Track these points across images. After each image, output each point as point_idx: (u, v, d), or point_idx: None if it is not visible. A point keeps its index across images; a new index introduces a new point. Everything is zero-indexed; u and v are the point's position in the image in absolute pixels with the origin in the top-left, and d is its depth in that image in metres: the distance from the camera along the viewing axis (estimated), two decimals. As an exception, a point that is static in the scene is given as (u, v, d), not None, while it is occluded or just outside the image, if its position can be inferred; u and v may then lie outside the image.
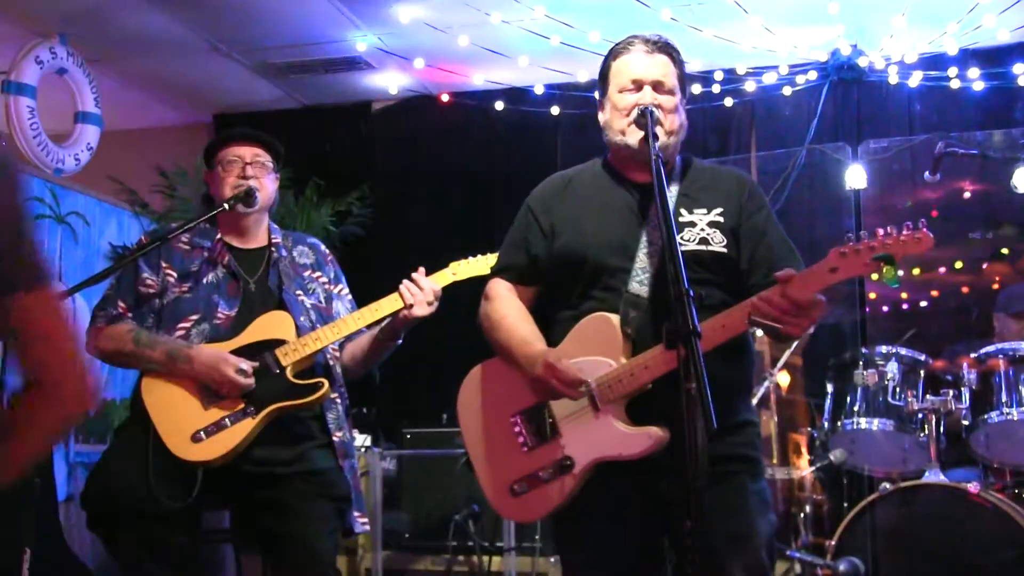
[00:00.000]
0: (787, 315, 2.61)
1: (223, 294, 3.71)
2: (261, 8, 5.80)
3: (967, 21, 5.85)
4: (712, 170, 3.16)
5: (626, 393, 2.78)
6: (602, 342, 2.84)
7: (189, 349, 3.56)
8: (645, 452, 2.73)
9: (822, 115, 6.47)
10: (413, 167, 6.90)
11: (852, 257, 2.60)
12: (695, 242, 2.89)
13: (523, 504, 2.92)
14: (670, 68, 3.00)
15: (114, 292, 3.72)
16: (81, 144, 5.96)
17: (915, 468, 5.06)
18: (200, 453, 3.49)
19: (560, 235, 3.00)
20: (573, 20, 5.79)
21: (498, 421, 2.97)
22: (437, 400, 5.40)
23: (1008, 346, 5.19)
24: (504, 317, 3.00)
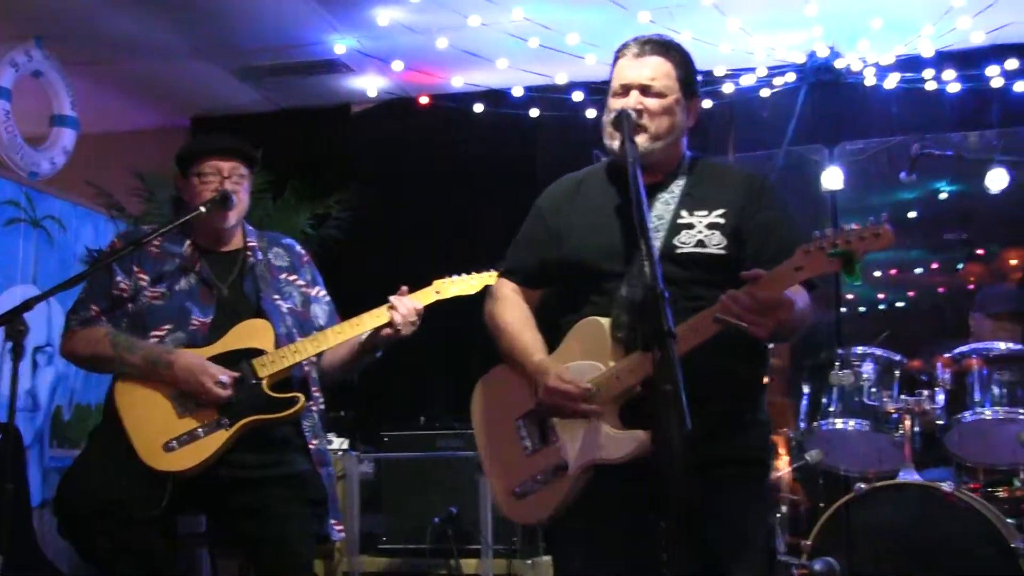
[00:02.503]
0: (752, 314, 2.57)
1: (196, 301, 3.69)
2: (239, 11, 5.79)
3: (942, 23, 5.88)
4: (722, 169, 3.14)
5: (614, 396, 2.78)
6: (593, 345, 2.86)
7: (169, 354, 3.55)
8: (630, 455, 2.73)
9: (800, 117, 6.47)
10: (392, 170, 6.89)
11: (815, 255, 2.57)
12: (691, 245, 2.89)
13: (525, 507, 2.94)
14: (663, 69, 2.97)
15: (87, 295, 3.70)
16: (57, 147, 5.93)
17: (890, 468, 5.06)
18: (172, 463, 3.48)
19: (566, 240, 3.02)
20: (551, 22, 5.80)
21: (503, 424, 3.00)
22: (415, 403, 5.40)
23: (982, 346, 5.22)
24: (508, 323, 3.02)
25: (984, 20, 5.84)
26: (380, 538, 4.94)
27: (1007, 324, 5.77)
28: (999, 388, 5.06)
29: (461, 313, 3.87)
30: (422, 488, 4.87)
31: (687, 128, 3.04)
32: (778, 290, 2.60)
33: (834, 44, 6.27)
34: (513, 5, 5.65)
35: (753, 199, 2.97)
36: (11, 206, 5.78)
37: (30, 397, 5.79)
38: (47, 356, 5.83)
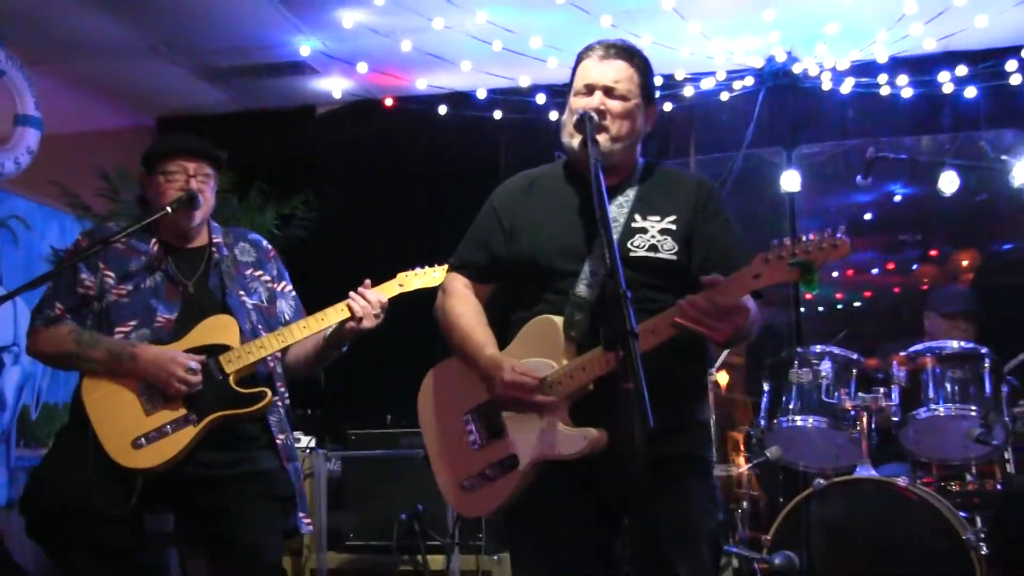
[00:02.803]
0: (710, 319, 2.61)
1: (161, 298, 3.67)
2: (204, 11, 5.76)
3: (895, 30, 5.94)
4: (673, 175, 3.16)
5: (567, 394, 2.80)
6: (545, 344, 2.88)
7: (134, 347, 3.54)
8: (581, 453, 2.75)
9: (758, 120, 6.51)
10: (357, 171, 6.89)
11: (774, 263, 2.60)
12: (645, 249, 2.92)
13: (473, 500, 2.95)
14: (626, 73, 3.00)
15: (52, 294, 3.68)
16: (21, 147, 5.89)
17: (847, 464, 5.10)
18: (141, 460, 3.47)
19: (519, 237, 3.03)
20: (514, 25, 5.81)
21: (452, 419, 3.01)
22: (381, 401, 5.39)
23: (936, 344, 5.29)
24: (460, 317, 3.03)
25: (935, 27, 5.90)
26: (347, 535, 4.94)
27: (960, 323, 5.84)
28: (952, 385, 5.12)
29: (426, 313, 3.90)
30: (389, 485, 4.87)
31: (644, 133, 3.06)
32: (736, 296, 2.64)
33: (791, 49, 6.31)
34: (477, 8, 5.66)
35: (701, 207, 3.01)
36: (-26, 207, 5.76)
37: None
38: (13, 355, 5.81)
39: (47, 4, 5.60)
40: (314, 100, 7.05)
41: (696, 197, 3.02)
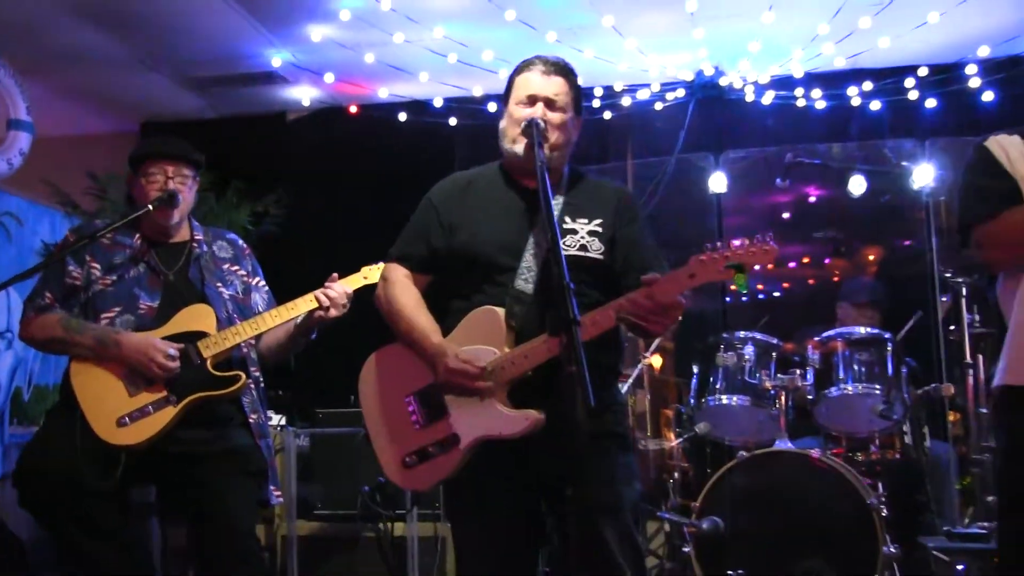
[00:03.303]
0: (651, 315, 2.66)
1: (144, 287, 3.68)
2: (184, 26, 5.72)
3: (810, 49, 5.98)
4: (596, 183, 3.16)
5: (509, 379, 2.81)
6: (488, 332, 2.87)
7: (117, 334, 3.53)
8: (524, 432, 2.77)
9: (688, 128, 6.53)
10: (324, 172, 6.86)
11: (709, 264, 2.63)
12: (575, 248, 2.93)
13: (414, 475, 2.94)
14: (564, 89, 3.03)
15: (43, 285, 3.67)
16: (14, 150, 5.83)
17: (767, 438, 5.15)
18: (125, 437, 3.47)
19: (458, 233, 3.01)
20: (468, 40, 5.80)
21: (394, 401, 2.99)
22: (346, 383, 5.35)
23: (846, 330, 5.35)
24: (404, 306, 3.00)
25: (845, 47, 5.95)
26: (315, 505, 4.93)
27: (866, 311, 5.91)
28: (859, 367, 5.18)
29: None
30: (353, 460, 4.86)
31: (574, 143, 3.08)
32: (673, 294, 2.67)
33: (718, 64, 6.34)
34: (434, 24, 5.65)
35: (622, 214, 3.04)
36: (-30, 204, 5.70)
37: (-9, 379, 5.72)
38: (7, 341, 5.76)
39: (39, 17, 5.53)
40: (285, 107, 7.01)
41: (617, 204, 3.06)
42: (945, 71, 6.23)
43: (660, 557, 5.59)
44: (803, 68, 6.27)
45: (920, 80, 6.25)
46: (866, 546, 4.64)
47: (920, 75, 6.24)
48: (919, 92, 6.28)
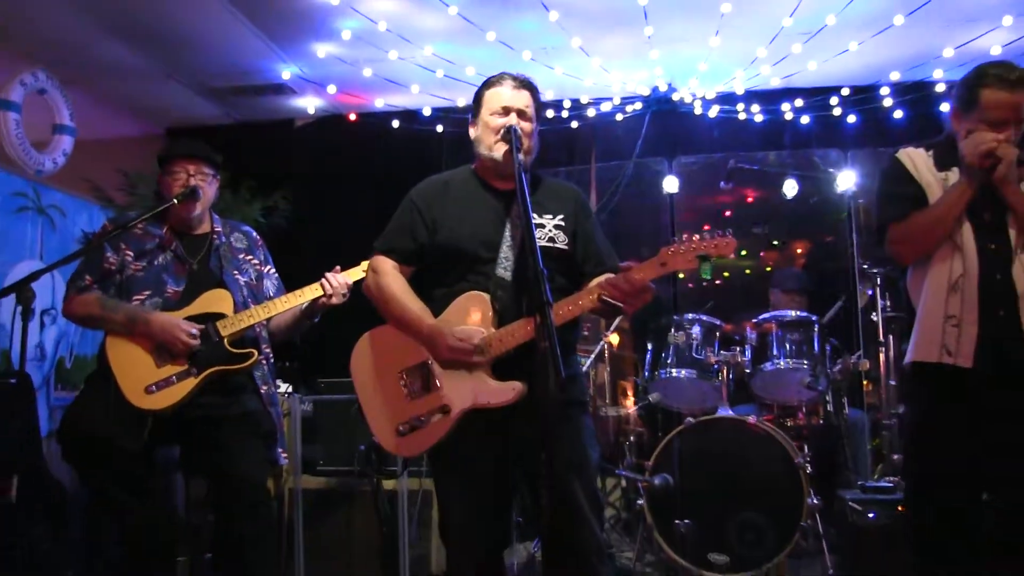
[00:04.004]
0: (628, 296, 2.70)
1: (171, 273, 3.68)
2: (205, 43, 5.70)
3: (750, 70, 6.01)
4: (555, 184, 3.16)
5: (495, 355, 2.82)
6: (477, 315, 2.88)
7: (146, 314, 3.54)
8: (510, 401, 2.78)
9: (645, 136, 6.55)
10: (327, 172, 6.84)
11: (679, 255, 2.69)
12: (545, 240, 2.95)
13: (407, 442, 2.93)
14: (530, 102, 3.05)
15: (83, 268, 3.67)
16: (58, 151, 5.83)
17: (711, 405, 5.17)
18: (152, 403, 3.47)
19: (441, 229, 3.01)
20: (454, 57, 5.79)
21: (386, 376, 2.98)
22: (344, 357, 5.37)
23: (778, 313, 5.39)
24: (394, 293, 3.00)
25: (780, 69, 5.98)
26: (318, 462, 4.93)
27: (795, 297, 5.94)
28: (790, 345, 5.22)
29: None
30: (350, 423, 4.85)
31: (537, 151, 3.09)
32: (646, 279, 2.71)
33: (671, 81, 6.36)
34: (424, 43, 5.64)
35: (580, 210, 3.06)
36: (21, 197, 5.69)
37: (38, 349, 5.71)
38: (52, 317, 5.76)
39: (80, 36, 5.51)
40: (292, 115, 6.98)
41: (575, 203, 3.08)
42: (863, 92, 6.27)
43: (617, 509, 5.62)
44: (744, 86, 6.30)
45: (843, 99, 6.29)
46: (793, 498, 4.68)
47: (843, 94, 6.28)
48: (842, 109, 6.32)
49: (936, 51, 5.74)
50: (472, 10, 5.23)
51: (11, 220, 5.62)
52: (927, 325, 3.26)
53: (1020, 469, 3.15)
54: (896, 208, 3.32)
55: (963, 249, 3.22)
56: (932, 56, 5.79)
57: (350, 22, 5.43)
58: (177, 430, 3.59)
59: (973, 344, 3.16)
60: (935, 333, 3.22)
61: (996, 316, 3.16)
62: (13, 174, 5.64)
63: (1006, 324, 3.16)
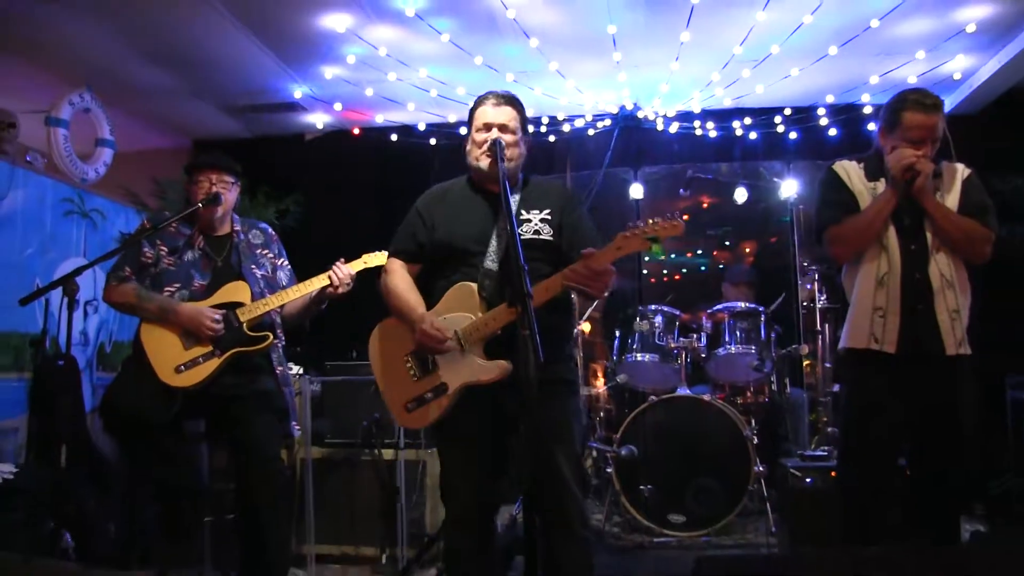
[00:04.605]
0: (589, 280, 2.68)
1: (198, 269, 3.69)
2: (227, 66, 5.69)
3: (705, 91, 6.04)
4: (544, 183, 3.17)
5: (482, 337, 2.84)
6: (465, 303, 2.90)
7: (175, 304, 3.56)
8: (497, 378, 2.80)
9: (614, 149, 6.54)
10: (333, 180, 6.83)
11: (631, 238, 2.67)
12: (530, 233, 2.95)
13: (414, 417, 2.96)
14: (512, 115, 3.04)
15: (123, 261, 3.68)
16: (100, 162, 5.84)
17: (671, 385, 5.21)
18: (181, 381, 3.50)
19: (438, 229, 3.03)
20: (446, 79, 5.81)
21: (395, 360, 3.00)
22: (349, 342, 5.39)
23: (730, 305, 5.43)
24: (396, 288, 3.03)
25: (732, 91, 6.01)
26: (325, 436, 4.94)
27: (742, 289, 5.99)
28: (740, 333, 5.26)
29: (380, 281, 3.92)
30: (354, 401, 4.87)
31: (526, 156, 3.09)
32: (605, 263, 2.70)
33: (637, 101, 6.37)
34: (419, 66, 5.65)
35: (566, 204, 3.04)
36: (68, 202, 5.69)
37: (82, 336, 5.70)
38: (94, 307, 5.76)
39: (119, 60, 5.51)
40: (303, 129, 6.97)
41: (562, 198, 3.06)
42: (803, 112, 6.31)
43: (589, 476, 5.65)
44: (700, 105, 6.32)
45: (785, 118, 6.33)
46: (742, 466, 4.75)
47: (785, 114, 6.32)
48: (784, 127, 6.36)
49: (864, 78, 5.80)
50: (462, 37, 5.25)
51: (59, 222, 5.61)
52: (858, 315, 3.31)
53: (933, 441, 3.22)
54: (833, 213, 3.37)
55: (888, 249, 3.27)
56: (861, 82, 5.85)
57: (354, 48, 5.44)
58: (203, 406, 3.60)
59: (896, 333, 3.21)
60: (865, 323, 3.27)
61: (916, 309, 3.22)
62: (62, 182, 5.65)
63: (924, 316, 3.22)
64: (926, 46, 5.38)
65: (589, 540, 2.88)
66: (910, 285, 3.23)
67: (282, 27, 5.22)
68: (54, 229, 5.55)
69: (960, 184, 3.33)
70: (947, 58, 5.55)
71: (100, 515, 4.23)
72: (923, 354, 3.20)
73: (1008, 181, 5.58)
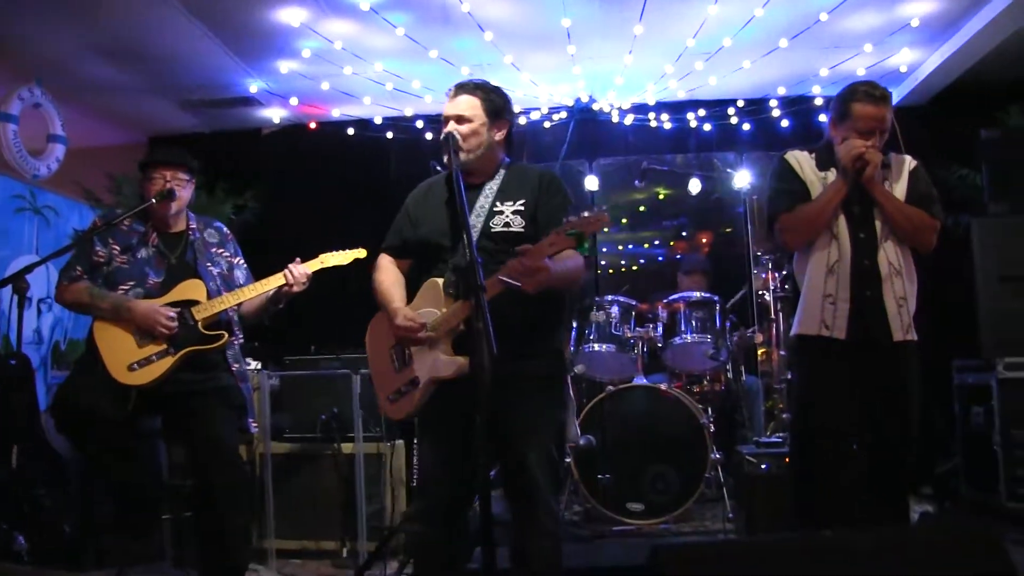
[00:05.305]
0: (522, 276, 2.59)
1: (152, 267, 3.64)
2: (182, 61, 5.59)
3: (659, 84, 6.06)
4: (525, 170, 3.04)
5: (446, 333, 2.79)
6: (432, 298, 2.88)
7: (129, 302, 3.50)
8: (454, 374, 2.76)
9: (569, 141, 6.54)
10: (290, 175, 6.75)
11: (559, 235, 2.58)
12: (501, 226, 2.88)
13: (395, 407, 2.96)
14: (471, 103, 2.95)
15: (75, 260, 3.62)
16: (52, 158, 5.71)
17: (628, 375, 5.19)
18: (134, 379, 3.45)
19: (419, 225, 3.01)
20: (402, 72, 5.76)
21: (382, 352, 3.00)
22: (307, 337, 5.36)
23: (686, 294, 5.42)
24: (382, 282, 3.02)
25: (685, 83, 6.03)
26: (284, 430, 4.89)
27: (695, 277, 6.00)
28: (696, 322, 5.26)
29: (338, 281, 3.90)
30: (313, 395, 4.83)
31: (500, 141, 2.99)
32: (539, 259, 2.59)
33: (592, 93, 6.37)
34: (375, 60, 5.59)
35: (544, 191, 2.93)
36: (19, 199, 5.63)
37: (36, 334, 5.62)
38: (48, 305, 5.68)
39: (71, 55, 5.38)
40: (260, 124, 6.87)
41: (539, 184, 2.94)
42: (755, 104, 6.35)
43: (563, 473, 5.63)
44: (655, 98, 6.34)
45: (738, 109, 6.36)
46: (699, 453, 4.76)
47: (738, 106, 6.36)
48: (738, 118, 6.40)
49: (815, 71, 5.86)
50: (417, 31, 5.21)
51: (10, 219, 5.52)
52: (809, 303, 3.34)
53: (882, 425, 3.26)
54: (785, 202, 3.40)
55: (839, 238, 3.30)
56: (812, 75, 5.91)
57: (310, 42, 5.37)
58: (158, 403, 3.55)
59: (846, 319, 3.25)
60: (816, 310, 3.30)
61: (864, 296, 3.26)
62: (12, 178, 5.53)
63: (872, 303, 3.25)
64: (873, 40, 5.44)
65: (557, 534, 2.85)
66: (859, 273, 3.26)
67: (237, 21, 5.13)
68: (5, 226, 5.45)
69: (907, 174, 3.38)
70: (893, 51, 5.63)
71: (54, 516, 4.15)
72: (872, 340, 3.24)
73: (953, 171, 5.67)
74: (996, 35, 5.23)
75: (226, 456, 3.53)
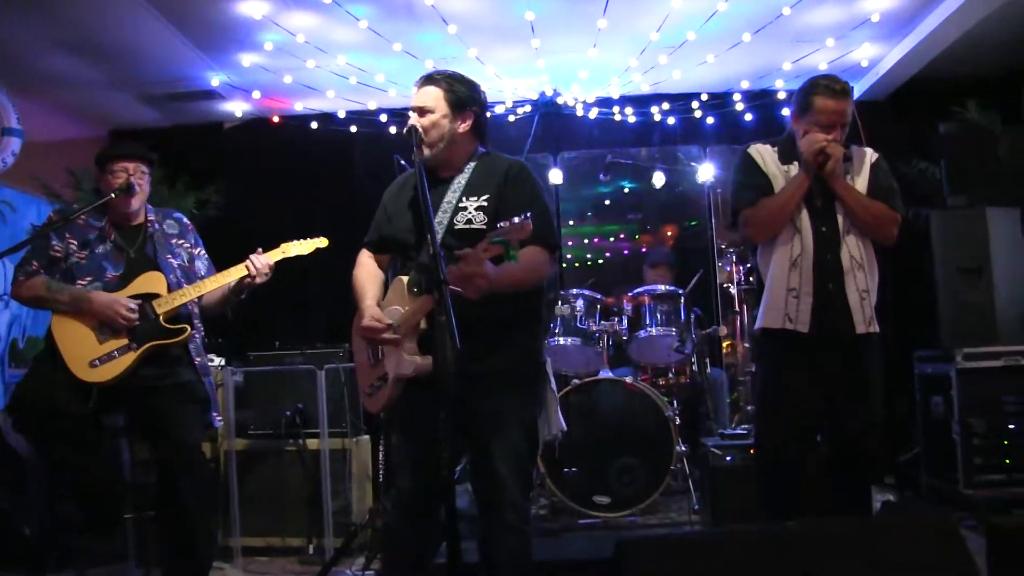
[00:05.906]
0: (460, 282, 2.52)
1: (111, 261, 3.58)
2: (142, 54, 5.47)
3: (623, 77, 6.06)
4: (494, 162, 2.92)
5: (408, 329, 2.76)
6: (398, 295, 2.86)
7: (88, 294, 3.46)
8: (414, 373, 2.72)
9: (534, 134, 6.53)
10: (253, 169, 6.65)
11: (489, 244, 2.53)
12: (463, 223, 2.81)
13: (372, 401, 2.94)
14: (433, 94, 2.88)
15: (30, 255, 3.56)
16: (7, 151, 5.56)
17: (594, 368, 5.20)
18: (95, 376, 3.39)
19: (391, 221, 2.97)
20: (365, 66, 5.71)
21: (361, 348, 2.98)
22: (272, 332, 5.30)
23: (650, 287, 5.43)
24: (357, 279, 2.99)
25: (649, 76, 6.03)
26: (249, 426, 4.84)
27: (660, 270, 6.01)
28: (660, 315, 5.28)
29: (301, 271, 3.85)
30: (277, 391, 4.79)
31: (464, 132, 2.89)
32: (475, 266, 2.52)
33: (556, 87, 6.35)
34: (338, 53, 5.54)
35: (510, 182, 2.84)
36: (-26, 195, 5.45)
37: (-8, 331, 5.50)
38: (4, 302, 5.55)
39: (29, 47, 5.24)
40: (222, 118, 6.77)
41: (505, 176, 2.84)
42: (719, 98, 6.36)
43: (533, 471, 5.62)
44: (619, 91, 6.33)
45: (702, 103, 6.38)
46: (664, 446, 4.79)
47: (702, 99, 6.37)
48: (701, 112, 6.41)
49: (777, 65, 5.90)
50: (380, 24, 5.16)
51: (-36, 216, 5.38)
52: (772, 296, 3.36)
53: (845, 416, 3.29)
54: (748, 196, 3.41)
55: (801, 231, 3.33)
56: (774, 69, 5.94)
57: (272, 35, 5.30)
58: (121, 399, 3.50)
59: (809, 313, 3.28)
60: (779, 303, 3.33)
61: (827, 289, 3.28)
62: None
63: (835, 296, 3.28)
64: (835, 34, 5.49)
65: (524, 531, 2.80)
66: (822, 266, 3.29)
67: (198, 14, 5.05)
68: (-42, 223, 5.32)
69: (868, 168, 3.40)
70: (855, 46, 5.68)
71: (14, 517, 4.07)
72: (834, 333, 3.26)
73: (913, 165, 5.74)
74: (953, 31, 5.30)
75: (189, 453, 3.49)
